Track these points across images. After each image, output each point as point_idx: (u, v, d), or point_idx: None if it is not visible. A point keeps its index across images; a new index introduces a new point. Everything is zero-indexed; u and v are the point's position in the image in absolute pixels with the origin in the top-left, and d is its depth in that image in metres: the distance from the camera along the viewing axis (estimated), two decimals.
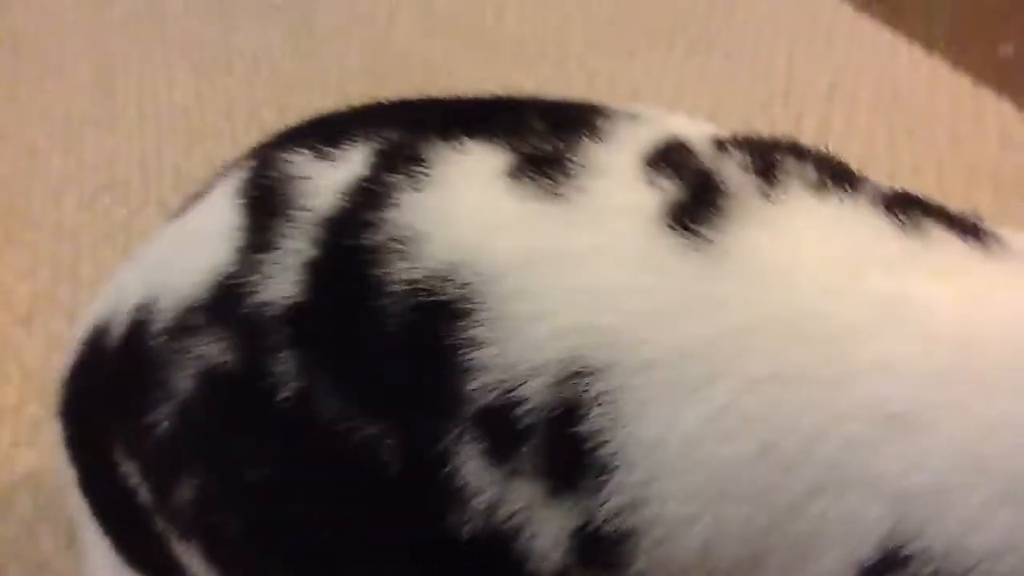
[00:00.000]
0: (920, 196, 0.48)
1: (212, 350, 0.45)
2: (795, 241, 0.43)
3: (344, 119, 0.50)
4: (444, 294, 0.42)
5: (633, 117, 0.47)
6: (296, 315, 0.44)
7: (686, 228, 0.42)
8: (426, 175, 0.44)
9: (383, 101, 0.51)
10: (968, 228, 0.46)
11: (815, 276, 0.43)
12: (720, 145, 0.47)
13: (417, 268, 0.42)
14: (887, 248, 0.44)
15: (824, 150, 0.49)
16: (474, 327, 0.42)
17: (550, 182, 0.44)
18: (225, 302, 0.45)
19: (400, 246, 0.43)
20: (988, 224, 0.47)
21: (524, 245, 0.43)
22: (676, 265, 0.42)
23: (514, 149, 0.45)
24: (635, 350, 0.41)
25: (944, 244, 0.44)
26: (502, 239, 0.43)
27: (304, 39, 1.22)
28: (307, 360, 0.43)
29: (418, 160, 0.45)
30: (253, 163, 0.48)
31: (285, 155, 0.47)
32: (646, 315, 0.42)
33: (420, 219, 0.43)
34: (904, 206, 0.45)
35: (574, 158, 0.44)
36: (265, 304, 0.44)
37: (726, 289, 0.42)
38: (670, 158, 0.45)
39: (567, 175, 0.44)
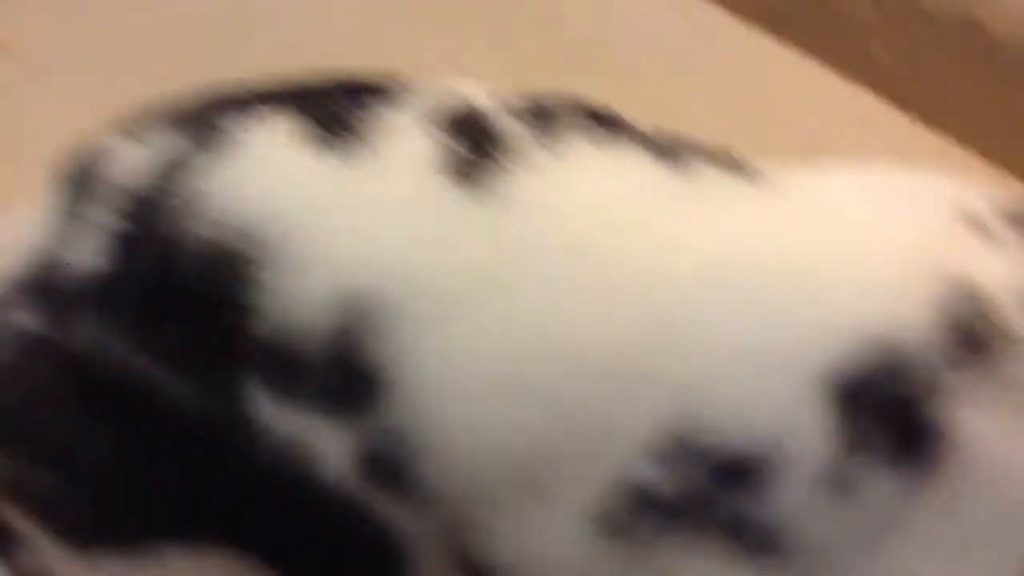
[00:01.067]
0: (689, 138, 0.51)
1: (25, 318, 0.47)
2: (571, 183, 0.47)
3: (163, 109, 0.52)
4: (233, 246, 0.45)
5: (425, 83, 0.51)
6: (101, 282, 0.46)
7: (466, 176, 0.46)
8: (222, 142, 0.47)
9: (205, 91, 0.53)
10: (736, 165, 0.49)
11: (590, 213, 0.46)
12: (503, 103, 0.50)
13: (207, 224, 0.45)
14: (660, 186, 0.47)
15: (598, 102, 0.51)
16: (261, 273, 0.44)
17: (338, 140, 0.47)
18: (38, 275, 0.48)
19: (193, 206, 0.45)
20: (752, 161, 0.50)
21: (310, 196, 0.46)
22: (454, 206, 0.45)
23: (308, 114, 0.48)
24: (412, 278, 0.45)
25: (714, 181, 0.48)
26: (290, 192, 0.46)
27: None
28: (112, 323, 0.46)
29: (216, 130, 0.47)
30: (73, 153, 0.51)
31: (101, 141, 0.50)
32: (424, 247, 0.45)
33: (212, 180, 0.46)
34: (674, 147, 0.49)
35: (364, 119, 0.47)
36: (73, 274, 0.47)
37: (502, 223, 0.45)
38: (455, 117, 0.48)
39: (355, 134, 0.47)
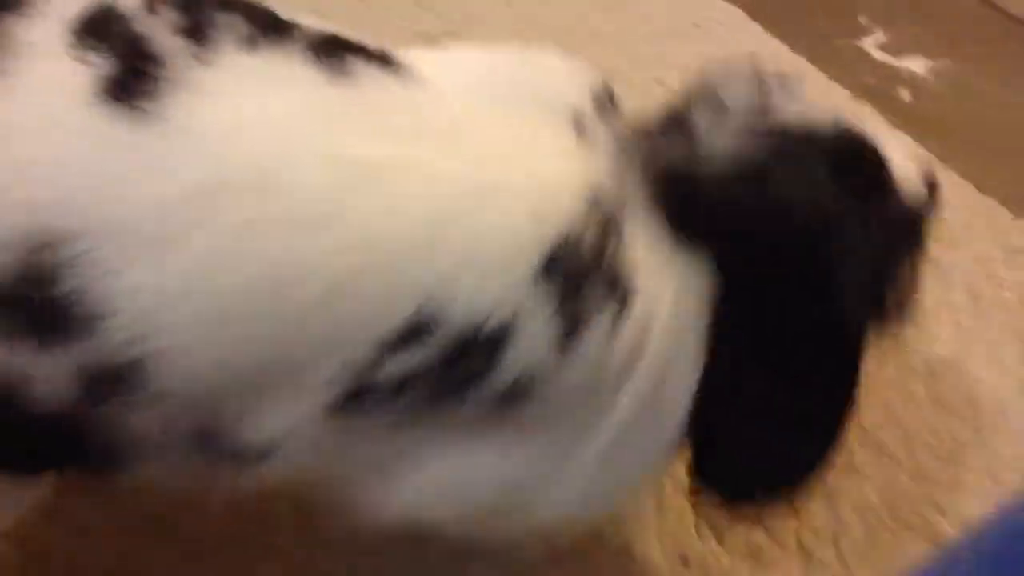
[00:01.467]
0: (344, 37, 0.51)
1: None
2: (232, 103, 0.45)
3: None
4: None
5: None
6: None
7: (121, 101, 0.43)
8: None
9: None
10: (385, 61, 0.51)
11: (256, 137, 0.45)
12: (150, 6, 0.46)
13: None
14: (320, 98, 0.47)
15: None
16: None
17: None
18: None
19: None
20: (396, 54, 0.52)
21: None
22: (118, 137, 0.42)
23: None
24: (96, 216, 0.42)
25: (368, 82, 0.49)
26: None
27: None
28: None
29: None
30: None
31: None
32: (95, 187, 0.42)
33: None
34: (332, 49, 0.49)
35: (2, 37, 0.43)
36: None
37: (170, 156, 0.43)
38: (99, 28, 0.45)
39: None
